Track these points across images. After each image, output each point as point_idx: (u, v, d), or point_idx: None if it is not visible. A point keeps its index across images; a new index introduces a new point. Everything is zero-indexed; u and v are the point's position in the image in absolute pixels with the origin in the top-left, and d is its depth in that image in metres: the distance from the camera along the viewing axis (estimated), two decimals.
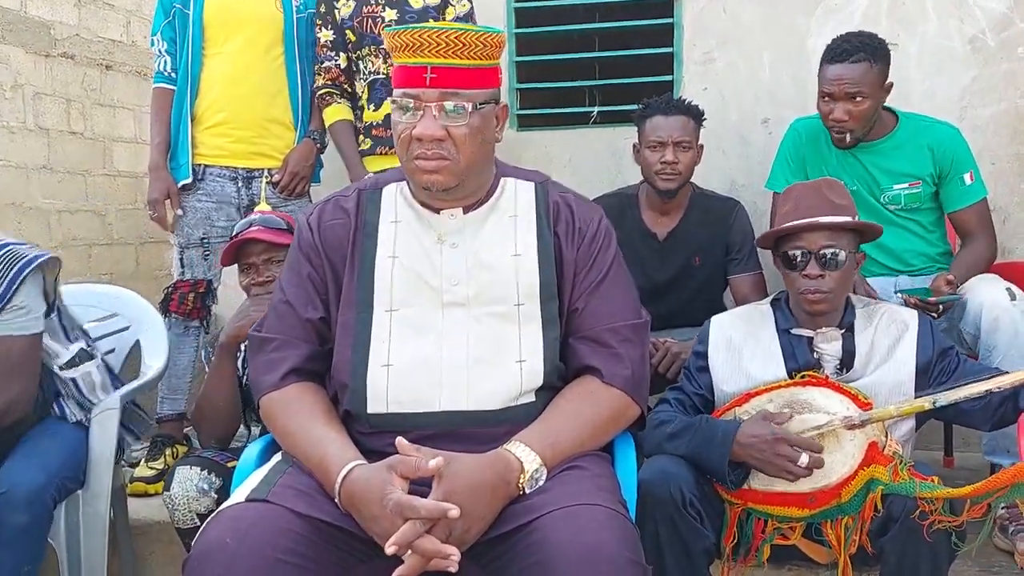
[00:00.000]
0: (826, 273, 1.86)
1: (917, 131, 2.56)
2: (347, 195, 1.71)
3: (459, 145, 1.54)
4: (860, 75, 2.43)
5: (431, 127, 1.52)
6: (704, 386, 1.99)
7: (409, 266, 1.61)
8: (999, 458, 2.26)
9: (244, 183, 2.94)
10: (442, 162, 1.54)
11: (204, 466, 2.05)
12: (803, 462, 1.71)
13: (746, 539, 1.87)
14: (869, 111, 2.47)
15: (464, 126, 1.54)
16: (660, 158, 2.55)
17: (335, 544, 1.43)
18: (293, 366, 1.61)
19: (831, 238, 1.88)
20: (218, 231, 2.90)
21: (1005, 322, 2.19)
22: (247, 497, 1.44)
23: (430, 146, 1.53)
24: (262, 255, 2.17)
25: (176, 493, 2.01)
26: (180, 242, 2.97)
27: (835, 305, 1.91)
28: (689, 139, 2.56)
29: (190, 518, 2.01)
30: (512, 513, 1.42)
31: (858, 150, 2.58)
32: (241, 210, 2.92)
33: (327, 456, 1.47)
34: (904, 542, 1.66)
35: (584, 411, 1.57)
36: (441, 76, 1.53)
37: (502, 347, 1.57)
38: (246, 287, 2.20)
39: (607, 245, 1.68)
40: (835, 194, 1.93)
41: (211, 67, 2.92)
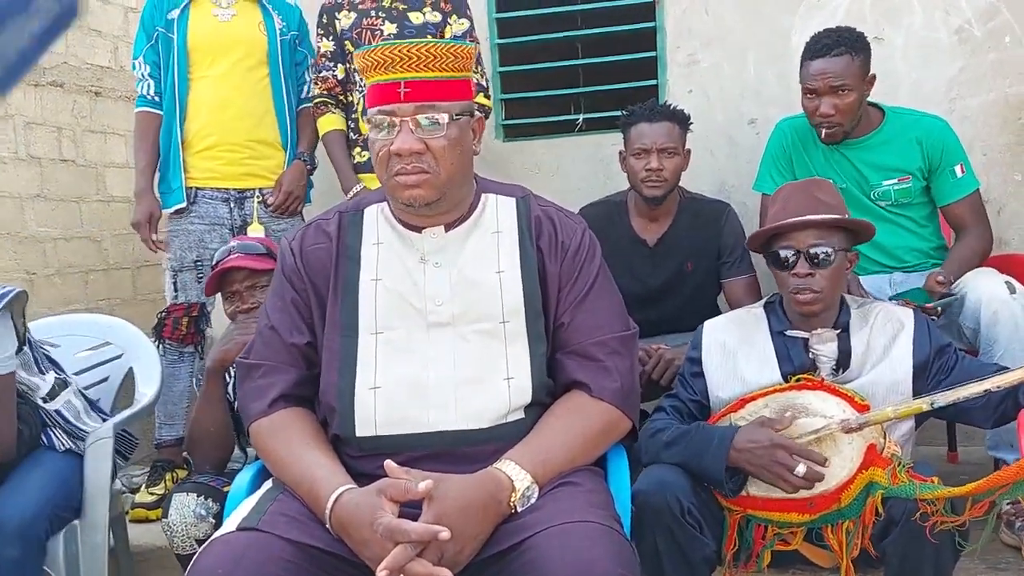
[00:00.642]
0: (816, 272, 1.85)
1: (904, 125, 2.55)
2: (328, 218, 1.70)
3: (438, 158, 1.53)
4: (843, 68, 2.43)
5: (409, 141, 1.52)
6: (699, 392, 1.97)
7: (392, 288, 1.60)
8: (1003, 453, 2.24)
9: (236, 204, 2.95)
10: (422, 176, 1.53)
11: (200, 492, 2.04)
12: (800, 471, 1.69)
13: (746, 545, 1.85)
14: (855, 104, 2.47)
15: (442, 138, 1.53)
16: (645, 165, 2.54)
17: (327, 570, 1.42)
18: (281, 392, 1.60)
19: (820, 236, 1.87)
20: (211, 253, 2.88)
21: (1005, 315, 2.17)
22: (238, 526, 1.42)
23: (409, 160, 1.52)
24: (244, 282, 2.17)
25: (174, 520, 2.00)
26: (173, 265, 2.97)
27: (827, 304, 1.89)
28: (674, 145, 2.54)
29: (189, 544, 2.00)
30: (504, 532, 1.41)
31: (845, 147, 2.56)
32: (234, 231, 2.92)
33: (317, 481, 1.46)
34: (906, 544, 1.63)
35: (574, 426, 1.56)
36: (415, 90, 1.52)
37: (489, 365, 1.56)
38: (231, 315, 2.20)
39: (591, 257, 1.67)
40: (824, 193, 1.92)
41: (197, 91, 2.93)
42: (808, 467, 1.70)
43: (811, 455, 1.71)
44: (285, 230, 2.95)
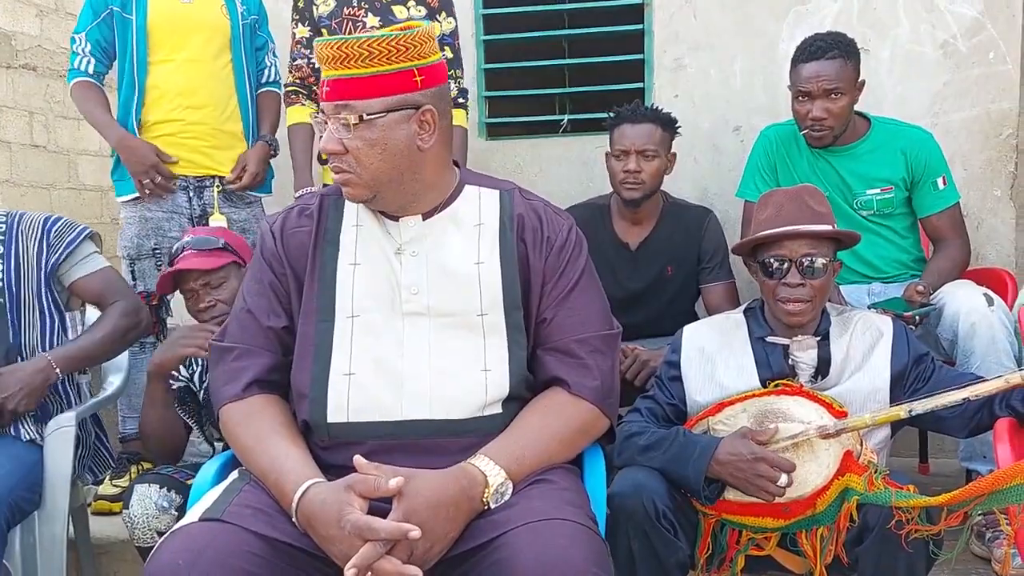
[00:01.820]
0: (807, 281, 1.84)
1: (890, 135, 2.56)
2: (311, 202, 1.67)
3: (357, 158, 1.51)
4: (836, 71, 2.43)
5: (328, 141, 1.51)
6: (677, 396, 1.96)
7: (370, 272, 1.58)
8: (976, 464, 2.25)
9: (195, 193, 2.87)
10: (347, 175, 1.52)
11: (163, 483, 2.01)
12: (783, 483, 1.68)
13: (720, 550, 1.84)
14: (846, 108, 2.47)
15: (354, 139, 1.49)
16: (623, 167, 2.53)
17: (293, 564, 1.38)
18: (255, 376, 1.57)
19: (812, 246, 1.86)
20: (170, 241, 2.82)
21: (982, 328, 2.18)
22: (201, 516, 1.38)
23: (334, 160, 1.52)
24: (199, 280, 2.14)
25: (135, 512, 1.98)
26: (130, 253, 2.87)
27: (814, 314, 1.88)
28: (654, 148, 2.53)
29: (150, 536, 1.97)
30: (477, 529, 1.38)
31: (831, 154, 2.57)
32: (193, 221, 2.85)
33: (284, 473, 1.42)
34: (880, 551, 1.63)
35: (551, 423, 1.53)
36: (334, 88, 1.50)
37: (465, 357, 1.53)
38: (191, 312, 2.18)
39: (577, 255, 1.65)
40: (816, 201, 1.91)
41: (158, 75, 2.83)
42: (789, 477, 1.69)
43: (790, 466, 1.70)
44: (246, 220, 2.90)
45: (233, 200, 2.91)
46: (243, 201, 2.94)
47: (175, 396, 2.12)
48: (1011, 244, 2.98)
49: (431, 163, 1.57)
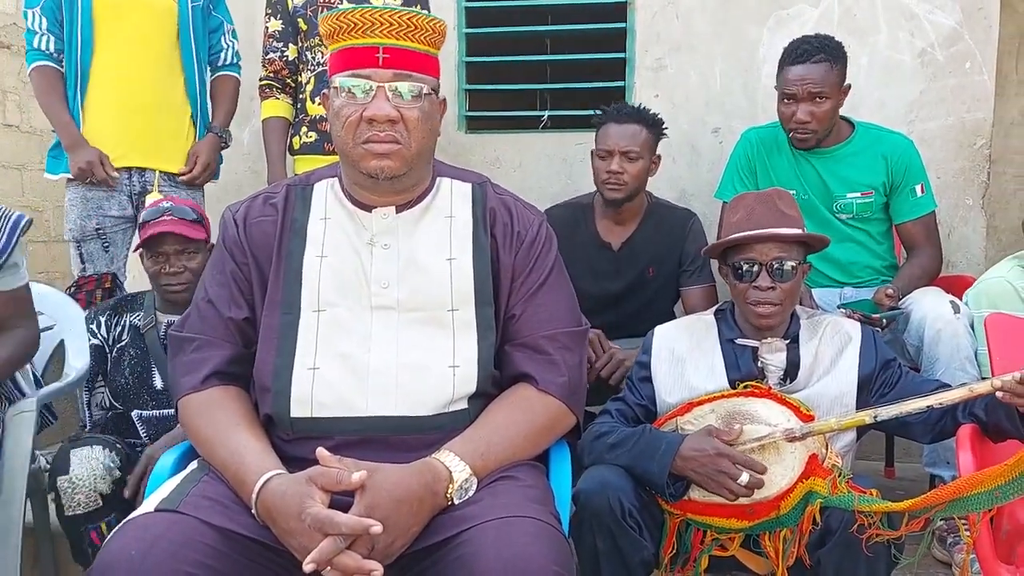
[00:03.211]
0: (776, 285, 1.85)
1: (872, 140, 2.58)
2: (276, 191, 1.64)
3: (411, 129, 1.50)
4: (822, 75, 2.44)
5: (385, 107, 1.48)
6: (646, 397, 1.96)
7: (338, 266, 1.55)
8: (939, 470, 2.26)
9: (136, 172, 2.82)
10: (394, 146, 1.49)
11: (104, 444, 2.00)
12: (743, 481, 1.69)
13: (684, 549, 1.84)
14: (830, 112, 2.48)
15: (416, 109, 1.50)
16: (606, 167, 2.52)
17: (251, 558, 1.36)
18: (215, 368, 1.54)
19: (783, 249, 1.86)
20: (112, 221, 2.77)
21: (947, 335, 2.20)
22: (157, 507, 1.36)
23: (383, 128, 1.48)
24: (175, 245, 2.16)
25: (80, 474, 1.94)
26: (75, 236, 2.81)
27: (784, 317, 1.89)
28: (638, 150, 2.51)
29: (93, 500, 1.95)
30: (440, 524, 1.37)
31: (813, 156, 2.58)
32: (133, 198, 2.80)
33: (244, 465, 1.40)
34: (842, 554, 1.64)
35: (518, 419, 1.52)
36: (394, 57, 1.49)
37: (434, 352, 1.52)
38: (154, 274, 2.18)
39: (547, 250, 1.64)
40: (785, 204, 1.91)
41: (101, 59, 2.75)
42: (751, 476, 1.69)
43: (754, 464, 1.70)
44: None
45: (174, 182, 2.86)
46: (184, 185, 2.88)
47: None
48: (981, 253, 3.02)
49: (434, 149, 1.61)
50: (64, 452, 1.98)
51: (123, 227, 2.83)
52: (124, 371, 2.20)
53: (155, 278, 2.20)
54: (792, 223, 1.89)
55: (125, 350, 2.22)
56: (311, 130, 2.87)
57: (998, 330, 1.96)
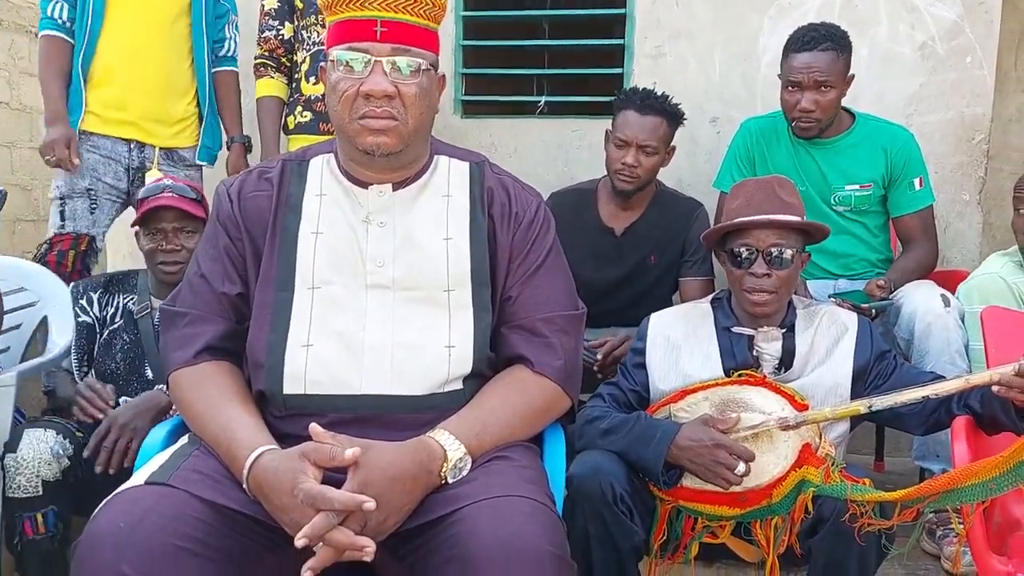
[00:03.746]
0: (772, 272, 1.84)
1: (872, 132, 2.57)
2: (271, 166, 1.62)
3: (408, 106, 1.48)
4: (828, 64, 2.42)
5: (382, 82, 1.45)
6: (640, 383, 1.95)
7: (333, 243, 1.54)
8: (929, 463, 2.27)
9: (136, 147, 2.79)
10: (391, 122, 1.47)
11: (58, 430, 1.95)
12: (740, 471, 1.68)
13: (675, 536, 1.84)
14: (835, 101, 2.47)
15: (414, 84, 1.47)
16: (621, 158, 2.48)
17: (242, 532, 1.34)
18: (207, 343, 1.53)
19: (780, 236, 1.86)
20: (104, 186, 2.74)
21: (937, 328, 2.20)
22: (147, 480, 1.34)
23: (380, 103, 1.46)
24: (173, 222, 2.13)
25: (25, 455, 1.89)
26: (62, 191, 2.75)
27: (779, 305, 1.88)
28: (655, 144, 2.47)
29: (34, 486, 1.90)
30: (433, 503, 1.35)
31: (813, 147, 2.57)
32: (130, 172, 2.77)
33: (236, 439, 1.38)
34: (833, 544, 1.64)
35: (513, 400, 1.51)
36: (392, 31, 1.47)
37: (429, 332, 1.50)
38: (150, 251, 2.14)
39: (545, 232, 1.62)
40: (785, 192, 1.91)
41: (111, 29, 2.73)
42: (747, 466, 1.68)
43: (749, 455, 1.70)
44: None
45: (174, 160, 2.84)
46: (183, 163, 2.87)
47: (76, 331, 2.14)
48: (976, 248, 3.02)
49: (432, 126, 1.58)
50: (19, 430, 1.94)
51: (113, 197, 2.80)
52: (115, 356, 2.16)
53: (151, 256, 2.15)
54: (792, 211, 1.88)
55: (117, 334, 2.18)
56: (306, 110, 2.84)
57: (994, 324, 1.96)
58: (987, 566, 1.61)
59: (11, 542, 1.98)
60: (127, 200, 2.83)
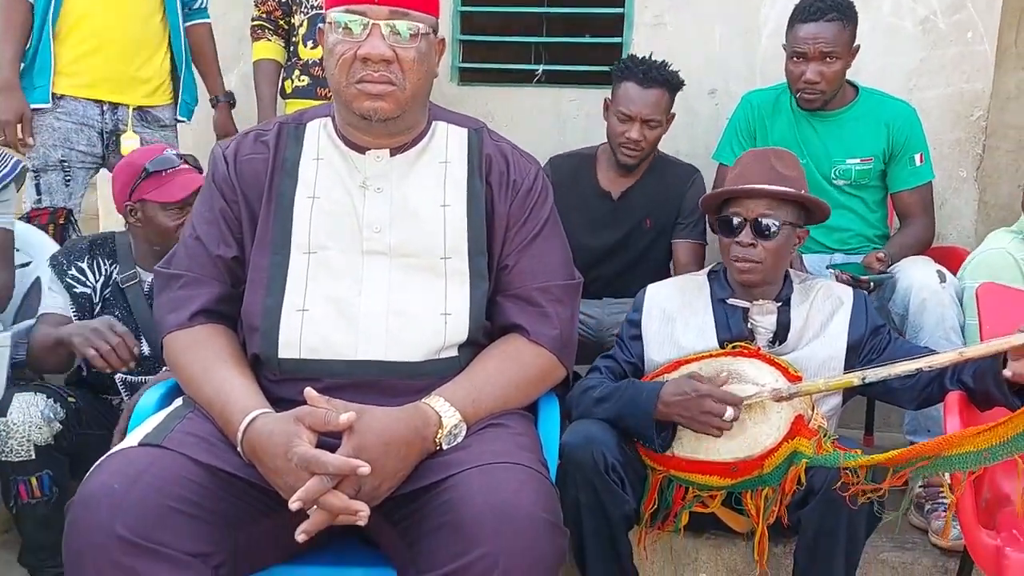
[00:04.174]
0: (758, 242, 1.84)
1: (876, 106, 2.56)
2: (267, 129, 1.60)
3: (406, 70, 1.45)
4: (834, 34, 2.41)
5: (380, 46, 1.43)
6: (636, 355, 1.96)
7: (329, 208, 1.52)
8: (919, 438, 2.28)
9: (109, 109, 2.73)
10: (388, 87, 1.45)
11: (49, 394, 1.94)
12: (729, 416, 1.69)
13: (666, 505, 1.85)
14: (840, 73, 2.46)
15: (413, 49, 1.45)
16: (625, 132, 2.47)
17: (236, 495, 1.35)
18: (202, 306, 1.52)
19: (769, 207, 1.85)
20: (78, 155, 2.68)
21: (932, 304, 2.20)
22: (141, 441, 1.34)
23: (377, 68, 1.44)
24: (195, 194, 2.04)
25: (15, 419, 1.89)
26: (36, 165, 2.70)
27: (765, 277, 1.88)
28: (659, 117, 2.47)
29: (25, 449, 1.90)
30: (427, 469, 1.36)
31: (815, 119, 2.56)
32: (104, 135, 2.71)
33: (230, 403, 1.38)
34: (822, 515, 1.66)
35: (509, 369, 1.51)
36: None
37: (425, 299, 1.50)
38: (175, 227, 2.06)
39: (543, 200, 1.61)
40: (783, 164, 1.89)
41: None
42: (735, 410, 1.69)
43: (734, 399, 1.70)
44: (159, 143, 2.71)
45: (148, 121, 2.78)
46: (158, 123, 2.81)
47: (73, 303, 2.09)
48: (972, 226, 3.02)
49: (430, 91, 1.56)
50: (8, 395, 1.92)
51: (88, 164, 2.74)
52: None
53: (169, 233, 2.06)
54: (787, 182, 1.87)
55: (108, 308, 2.12)
56: (303, 74, 2.81)
57: (989, 300, 1.97)
58: (976, 540, 1.62)
59: (8, 503, 1.98)
60: (102, 163, 2.78)
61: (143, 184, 2.08)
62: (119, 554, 1.20)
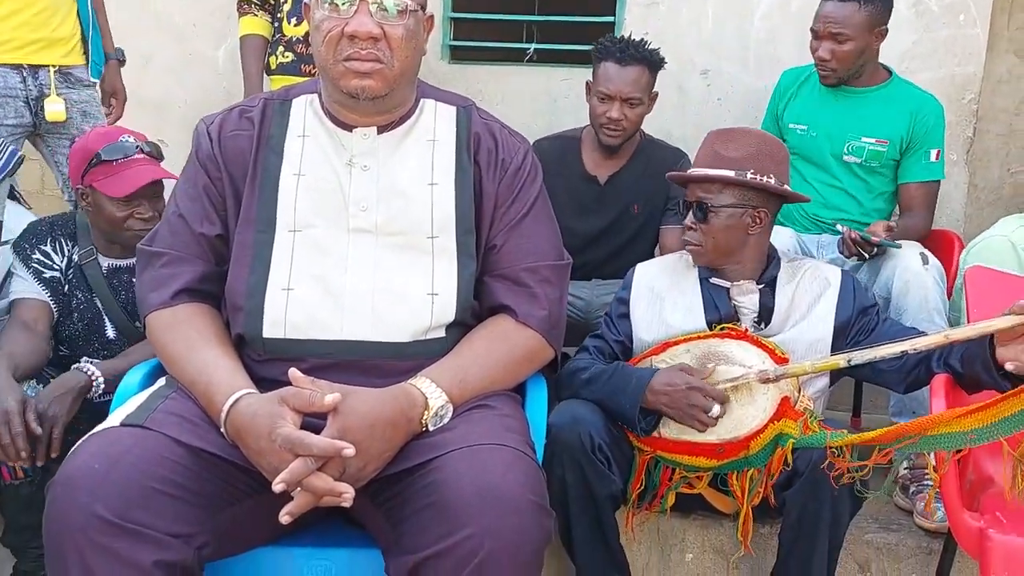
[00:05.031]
0: (697, 225, 1.85)
1: (905, 93, 2.57)
2: (252, 105, 1.58)
3: (394, 48, 1.43)
4: (846, 16, 2.44)
5: (368, 23, 1.41)
6: (624, 334, 1.95)
7: (315, 186, 1.50)
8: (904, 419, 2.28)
9: (30, 74, 2.59)
10: (376, 64, 1.43)
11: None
12: (715, 412, 1.70)
13: (652, 486, 1.86)
14: (852, 53, 2.47)
15: (401, 27, 1.43)
16: (606, 112, 2.46)
17: (219, 476, 1.34)
18: (185, 284, 1.50)
19: (705, 190, 1.86)
20: (7, 129, 2.56)
21: (915, 286, 2.20)
22: (123, 421, 1.33)
23: (364, 45, 1.41)
24: (153, 187, 1.99)
25: None
26: None
27: (711, 259, 1.88)
28: (640, 95, 2.45)
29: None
30: (413, 450, 1.35)
31: (841, 93, 2.58)
32: (30, 103, 2.60)
33: (213, 383, 1.37)
34: (807, 496, 1.67)
35: (496, 350, 1.50)
36: None
37: (412, 279, 1.48)
38: (122, 219, 1.98)
39: (532, 180, 1.60)
40: (729, 146, 1.86)
41: None
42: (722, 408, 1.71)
43: (724, 398, 1.72)
44: (87, 101, 2.67)
45: (71, 82, 2.67)
46: (81, 83, 2.70)
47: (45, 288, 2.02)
48: (961, 208, 3.02)
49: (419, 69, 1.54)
50: None
51: (19, 136, 2.63)
52: (73, 316, 2.05)
53: (121, 223, 1.98)
54: (727, 165, 1.84)
55: (72, 293, 2.06)
56: (288, 50, 2.78)
57: (977, 284, 1.97)
58: (959, 522, 1.63)
59: None
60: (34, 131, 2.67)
61: (94, 170, 1.99)
62: (99, 535, 1.19)
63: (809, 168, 2.59)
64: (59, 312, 2.05)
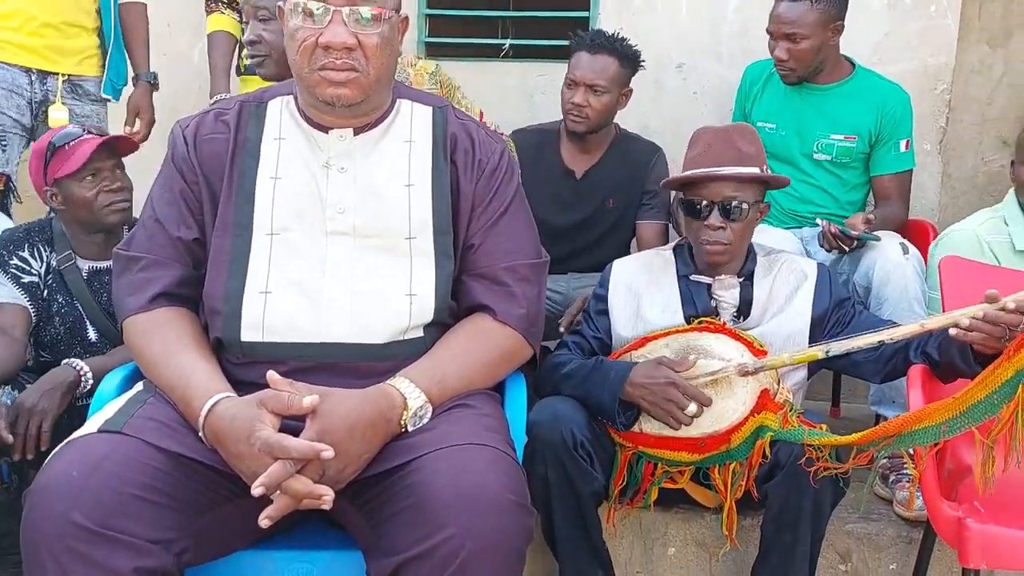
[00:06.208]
0: (727, 224, 1.83)
1: (870, 86, 2.58)
2: (228, 108, 1.56)
3: (369, 56, 1.42)
4: (799, 15, 2.44)
5: (342, 34, 1.40)
6: (603, 330, 1.96)
7: (292, 188, 1.49)
8: (884, 409, 2.31)
9: (38, 78, 2.62)
10: (351, 74, 1.42)
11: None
12: (691, 411, 1.71)
13: (635, 482, 1.86)
14: (809, 51, 2.48)
15: (375, 35, 1.42)
16: (571, 97, 2.48)
17: (198, 481, 1.33)
18: (162, 288, 1.49)
19: (736, 189, 1.84)
20: (10, 121, 2.58)
21: (896, 276, 2.22)
22: (100, 428, 1.32)
23: (339, 55, 1.40)
24: (107, 160, 2.02)
25: None
26: None
27: (734, 256, 1.89)
28: (604, 83, 2.47)
29: None
30: (392, 451, 1.35)
31: (806, 91, 2.58)
32: (33, 105, 2.62)
33: (191, 387, 1.36)
34: (788, 488, 1.67)
35: (475, 349, 1.50)
36: None
37: (390, 280, 1.48)
38: (93, 197, 2.00)
39: (508, 179, 1.60)
40: (745, 142, 1.88)
41: None
42: (698, 408, 1.71)
43: (701, 397, 1.72)
44: (88, 116, 2.70)
45: (78, 94, 2.70)
46: (88, 97, 2.73)
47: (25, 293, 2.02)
48: (936, 198, 3.05)
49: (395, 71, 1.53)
50: None
51: (19, 131, 2.64)
52: (54, 321, 2.04)
53: (93, 202, 2.00)
54: (750, 161, 1.86)
55: (53, 297, 2.05)
56: None
57: (951, 273, 1.99)
58: (938, 510, 1.65)
59: None
60: (31, 136, 2.67)
61: (52, 162, 2.01)
62: (77, 542, 1.18)
63: (781, 166, 2.60)
64: (38, 317, 2.04)
